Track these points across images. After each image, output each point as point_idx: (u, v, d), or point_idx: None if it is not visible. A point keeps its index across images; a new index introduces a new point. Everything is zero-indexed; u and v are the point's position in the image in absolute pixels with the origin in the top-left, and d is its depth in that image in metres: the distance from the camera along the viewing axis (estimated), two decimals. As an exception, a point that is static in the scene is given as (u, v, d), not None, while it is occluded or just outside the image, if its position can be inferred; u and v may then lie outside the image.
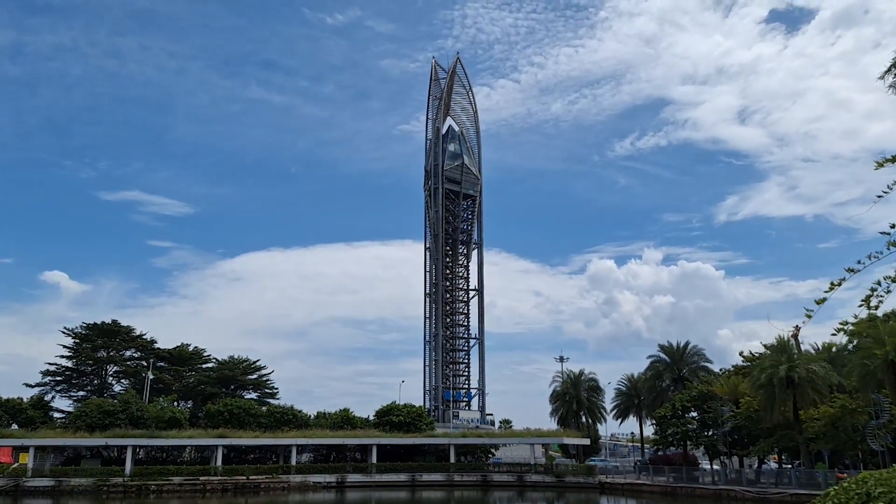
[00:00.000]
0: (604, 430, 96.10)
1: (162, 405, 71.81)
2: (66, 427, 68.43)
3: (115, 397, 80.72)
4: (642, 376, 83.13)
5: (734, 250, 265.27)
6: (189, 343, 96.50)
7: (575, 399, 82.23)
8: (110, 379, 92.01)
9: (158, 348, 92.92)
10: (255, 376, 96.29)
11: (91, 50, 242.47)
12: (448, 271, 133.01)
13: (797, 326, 54.26)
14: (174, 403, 77.57)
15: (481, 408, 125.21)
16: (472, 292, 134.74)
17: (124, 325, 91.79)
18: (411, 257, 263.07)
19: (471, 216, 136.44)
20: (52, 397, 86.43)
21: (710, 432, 65.96)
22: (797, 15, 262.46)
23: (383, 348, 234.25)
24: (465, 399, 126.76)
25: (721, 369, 79.52)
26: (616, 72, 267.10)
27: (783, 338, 57.77)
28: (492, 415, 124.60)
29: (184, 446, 70.65)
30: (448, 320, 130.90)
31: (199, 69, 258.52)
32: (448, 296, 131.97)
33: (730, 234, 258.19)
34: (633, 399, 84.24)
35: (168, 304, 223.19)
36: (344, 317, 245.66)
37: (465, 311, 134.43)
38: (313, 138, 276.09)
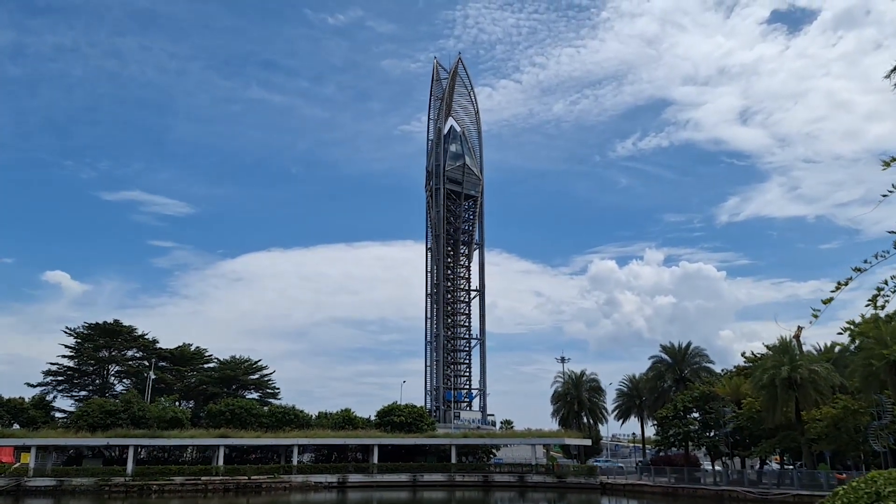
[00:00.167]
0: (605, 430, 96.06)
1: (164, 405, 71.81)
2: (67, 427, 68.53)
3: (116, 397, 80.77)
4: (644, 377, 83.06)
5: (735, 251, 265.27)
6: (190, 343, 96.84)
7: (576, 399, 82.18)
8: (112, 379, 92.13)
9: (160, 348, 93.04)
10: (257, 376, 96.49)
11: (91, 50, 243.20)
12: (449, 272, 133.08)
13: (800, 327, 54.36)
14: (176, 403, 77.57)
15: (482, 408, 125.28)
16: (473, 293, 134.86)
17: (126, 324, 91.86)
18: (412, 258, 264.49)
19: (472, 217, 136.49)
20: (54, 397, 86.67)
21: (712, 433, 65.85)
22: (799, 16, 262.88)
23: (384, 349, 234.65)
24: (466, 399, 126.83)
25: (723, 370, 79.46)
26: (618, 72, 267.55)
27: (785, 338, 57.76)
28: (493, 415, 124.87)
29: (185, 446, 70.78)
30: (449, 321, 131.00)
31: (200, 69, 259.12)
32: (449, 296, 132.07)
33: (731, 234, 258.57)
34: (634, 400, 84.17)
35: (169, 304, 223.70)
36: (345, 317, 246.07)
37: (467, 312, 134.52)
38: (314, 139, 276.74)
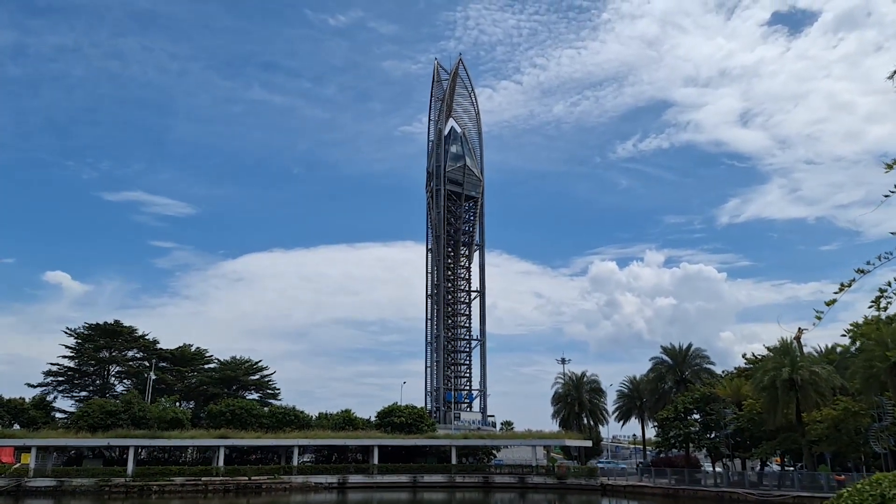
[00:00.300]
0: (606, 432, 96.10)
1: (164, 405, 71.80)
2: (68, 427, 68.57)
3: (117, 397, 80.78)
4: (644, 378, 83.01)
5: (736, 252, 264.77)
6: (191, 343, 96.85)
7: (577, 401, 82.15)
8: (112, 379, 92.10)
9: (160, 349, 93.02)
10: (257, 377, 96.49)
11: (92, 51, 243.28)
12: (449, 272, 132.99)
13: (800, 329, 54.31)
14: (176, 404, 77.54)
15: (483, 409, 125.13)
16: (473, 294, 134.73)
17: (126, 325, 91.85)
18: (413, 258, 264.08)
19: (472, 217, 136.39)
20: (55, 397, 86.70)
21: (713, 434, 65.81)
22: (799, 17, 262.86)
23: (384, 349, 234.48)
24: (466, 400, 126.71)
25: (723, 371, 79.44)
26: (618, 74, 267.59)
27: (786, 340, 57.74)
28: (493, 416, 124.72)
29: (186, 447, 70.83)
30: (449, 321, 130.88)
31: (201, 70, 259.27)
32: (449, 297, 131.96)
33: (732, 236, 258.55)
34: (635, 401, 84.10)
35: (170, 304, 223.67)
36: (345, 318, 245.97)
37: (467, 313, 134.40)
38: (315, 139, 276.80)
